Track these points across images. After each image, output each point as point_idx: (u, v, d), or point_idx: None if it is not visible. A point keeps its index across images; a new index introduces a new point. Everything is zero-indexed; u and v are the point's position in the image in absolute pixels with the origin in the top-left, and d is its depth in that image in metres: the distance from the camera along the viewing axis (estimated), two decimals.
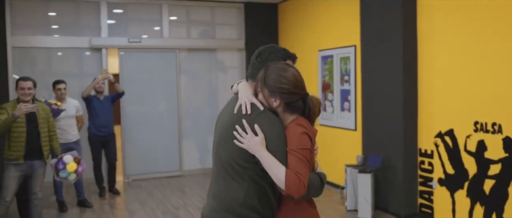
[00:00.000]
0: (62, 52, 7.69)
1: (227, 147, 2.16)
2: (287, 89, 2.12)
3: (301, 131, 2.09)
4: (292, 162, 2.03)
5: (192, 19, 8.52)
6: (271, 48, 2.33)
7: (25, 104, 4.50)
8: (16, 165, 4.64)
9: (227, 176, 2.18)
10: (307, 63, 7.70)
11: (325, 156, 7.23)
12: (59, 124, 5.94)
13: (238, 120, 2.14)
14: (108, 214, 5.91)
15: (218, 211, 2.19)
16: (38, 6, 7.50)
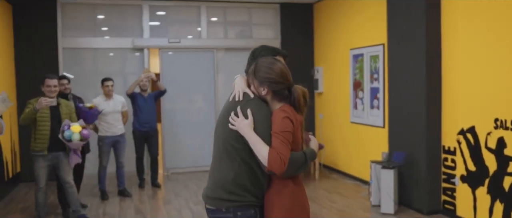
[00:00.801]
0: (107, 52, 8.24)
1: (223, 130, 2.46)
2: (273, 79, 2.40)
3: (283, 115, 2.35)
4: (275, 143, 2.30)
5: (229, 20, 8.85)
6: (263, 47, 2.64)
7: (45, 98, 4.91)
8: (42, 156, 5.11)
9: (222, 157, 2.46)
10: (339, 62, 7.84)
11: (356, 152, 7.37)
12: (107, 118, 6.45)
13: (232, 106, 2.44)
14: (144, 204, 6.32)
15: (213, 189, 2.48)
16: (86, 10, 8.08)
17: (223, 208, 2.43)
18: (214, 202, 2.45)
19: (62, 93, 5.75)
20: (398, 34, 5.90)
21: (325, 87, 8.45)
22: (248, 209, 2.43)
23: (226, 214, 2.43)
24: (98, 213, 5.86)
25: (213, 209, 2.46)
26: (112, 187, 6.96)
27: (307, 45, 8.85)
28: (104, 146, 6.49)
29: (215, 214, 2.46)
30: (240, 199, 2.41)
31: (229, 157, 2.42)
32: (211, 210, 2.48)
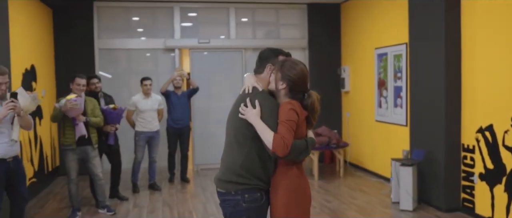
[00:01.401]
0: (140, 53, 8.62)
1: (234, 121, 2.77)
2: (293, 78, 2.69)
3: (290, 107, 2.65)
4: (281, 129, 2.59)
5: (257, 21, 9.08)
6: (268, 49, 2.95)
7: (70, 101, 5.25)
8: (71, 150, 5.47)
9: (232, 144, 2.77)
10: (365, 61, 7.93)
11: (380, 150, 7.44)
12: (144, 115, 6.81)
13: (241, 99, 2.76)
14: (172, 197, 6.62)
15: (223, 173, 2.78)
16: (120, 12, 8.48)
17: (232, 191, 2.71)
18: (224, 185, 2.74)
19: (92, 91, 6.13)
20: (419, 33, 5.96)
21: (351, 86, 8.54)
22: (255, 192, 2.70)
23: (235, 196, 2.70)
24: (128, 205, 6.20)
25: (223, 192, 2.75)
26: (144, 181, 7.30)
27: (334, 45, 8.96)
28: (140, 141, 6.84)
29: (225, 196, 2.75)
30: (248, 182, 2.69)
31: (239, 144, 2.72)
32: (221, 193, 2.77)
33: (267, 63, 2.83)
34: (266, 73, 2.82)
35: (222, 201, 2.79)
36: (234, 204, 2.71)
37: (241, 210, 2.70)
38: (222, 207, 2.80)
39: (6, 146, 4.17)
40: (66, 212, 5.80)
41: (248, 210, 2.70)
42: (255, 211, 2.72)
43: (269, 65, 2.82)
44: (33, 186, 6.62)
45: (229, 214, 2.76)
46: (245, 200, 2.69)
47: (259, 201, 2.72)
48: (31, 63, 6.81)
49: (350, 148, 8.54)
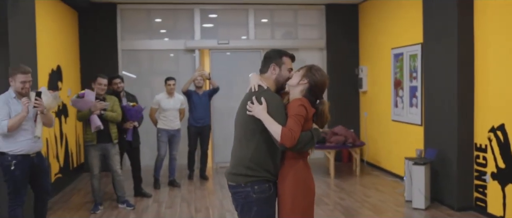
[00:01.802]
0: (161, 53, 8.87)
1: (242, 117, 2.96)
2: (316, 80, 2.92)
3: (300, 103, 2.86)
4: (289, 122, 2.79)
5: (275, 21, 9.22)
6: (274, 50, 3.14)
7: (100, 103, 5.60)
8: (93, 146, 5.74)
9: (241, 139, 2.96)
10: (382, 61, 7.98)
11: (396, 150, 7.49)
12: (167, 113, 7.05)
13: (248, 97, 2.94)
14: (191, 194, 6.82)
15: (234, 167, 2.98)
16: (142, 15, 8.76)
17: (242, 183, 2.90)
18: (235, 178, 2.93)
19: (115, 91, 6.39)
20: (433, 33, 6.01)
21: (369, 86, 8.60)
22: (263, 183, 2.89)
23: (245, 188, 2.89)
24: (148, 200, 6.43)
25: (234, 185, 2.94)
26: (164, 178, 7.52)
27: (352, 45, 9.03)
28: (162, 137, 7.08)
29: (236, 189, 2.94)
30: (257, 174, 2.88)
31: (247, 140, 2.91)
32: (232, 186, 2.96)
33: (271, 63, 3.02)
34: (270, 72, 3.01)
35: (233, 194, 2.98)
36: (245, 196, 2.89)
37: (251, 201, 2.89)
38: (234, 199, 3.00)
39: (30, 142, 4.42)
40: (89, 206, 6.07)
41: (258, 201, 2.88)
42: (264, 201, 2.90)
43: (272, 65, 3.01)
44: (58, 181, 6.93)
45: (241, 205, 2.94)
46: (255, 191, 2.87)
47: (268, 192, 2.90)
48: (57, 64, 7.12)
49: (367, 147, 8.60)
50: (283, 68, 3.02)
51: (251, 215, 2.90)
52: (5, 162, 4.37)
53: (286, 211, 2.90)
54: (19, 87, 4.35)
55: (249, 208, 2.90)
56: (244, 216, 2.95)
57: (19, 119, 4.29)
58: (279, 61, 3.02)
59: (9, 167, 4.36)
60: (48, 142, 6.52)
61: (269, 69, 3.02)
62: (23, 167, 4.42)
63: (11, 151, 4.36)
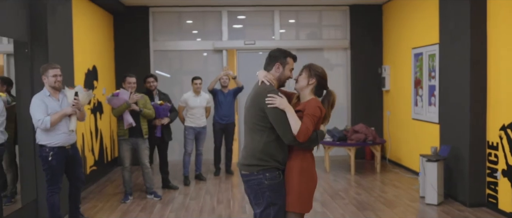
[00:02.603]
0: (190, 54, 9.31)
1: (251, 115, 3.26)
2: (321, 74, 3.31)
3: (318, 105, 3.21)
4: (306, 121, 3.12)
5: (300, 22, 9.50)
6: (279, 49, 3.41)
7: (136, 95, 6.07)
8: (125, 140, 6.20)
9: (252, 133, 3.27)
10: (403, 61, 8.13)
11: (416, 147, 7.64)
12: (193, 111, 7.43)
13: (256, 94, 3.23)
14: (215, 187, 7.20)
15: (246, 158, 3.29)
16: (173, 17, 9.22)
17: (255, 172, 3.22)
18: (248, 168, 3.25)
19: (148, 89, 6.83)
20: (448, 34, 6.16)
21: (392, 85, 8.76)
22: (274, 171, 3.21)
23: (257, 176, 3.21)
24: (174, 192, 6.85)
25: (247, 174, 3.27)
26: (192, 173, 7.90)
27: (376, 45, 9.20)
28: (189, 135, 7.46)
29: (249, 177, 3.26)
30: (267, 163, 3.20)
31: (257, 134, 3.22)
32: (245, 175, 3.29)
33: (276, 62, 3.31)
34: (274, 70, 3.31)
35: (246, 182, 3.29)
36: (258, 183, 3.21)
37: (264, 187, 3.21)
38: (247, 187, 3.31)
39: (65, 136, 4.89)
40: (120, 196, 6.54)
41: (270, 186, 3.20)
42: (275, 187, 3.21)
43: (277, 64, 3.30)
44: (93, 173, 7.46)
45: (254, 191, 3.26)
46: (267, 178, 3.19)
47: (278, 179, 3.22)
48: (93, 64, 7.65)
49: (389, 145, 8.76)
50: (287, 68, 3.31)
51: (264, 199, 3.22)
52: (44, 153, 4.86)
53: (293, 195, 3.23)
54: (52, 81, 4.81)
55: (262, 193, 3.21)
56: (257, 200, 3.26)
57: (60, 116, 4.78)
58: (284, 61, 3.30)
59: (47, 157, 4.85)
60: (84, 137, 7.05)
61: (273, 67, 3.30)
62: (59, 158, 4.90)
63: (49, 143, 4.85)
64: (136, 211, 5.89)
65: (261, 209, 3.23)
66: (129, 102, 6.05)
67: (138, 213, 5.78)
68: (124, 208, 6.02)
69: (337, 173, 8.05)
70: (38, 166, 5.22)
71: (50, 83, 4.83)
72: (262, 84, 3.26)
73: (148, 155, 6.40)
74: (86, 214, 5.63)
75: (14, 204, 5.27)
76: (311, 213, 5.62)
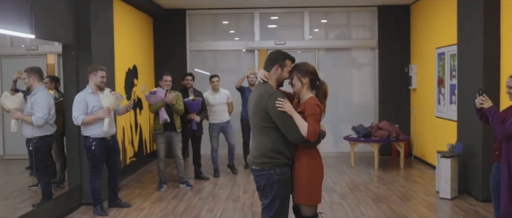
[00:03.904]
0: (224, 53, 9.85)
1: (256, 116, 3.55)
2: (310, 71, 3.55)
3: (315, 103, 3.49)
4: (311, 121, 3.40)
5: (330, 23, 9.85)
6: (279, 51, 3.67)
7: (171, 94, 6.65)
8: (160, 134, 6.81)
9: (260, 135, 3.56)
10: (428, 60, 8.36)
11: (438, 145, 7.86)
12: (214, 108, 7.92)
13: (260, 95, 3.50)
14: (243, 179, 7.70)
15: (257, 156, 3.57)
16: (208, 19, 9.80)
17: (266, 167, 3.50)
18: (259, 164, 3.54)
19: (185, 86, 7.42)
20: (464, 34, 6.39)
21: (418, 84, 8.98)
22: (283, 167, 3.51)
23: (268, 171, 3.48)
24: (204, 182, 7.41)
25: (258, 169, 3.54)
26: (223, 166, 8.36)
27: (403, 44, 9.43)
28: (213, 132, 7.94)
29: (260, 172, 3.53)
30: (277, 160, 3.48)
31: (264, 135, 3.51)
32: (256, 170, 3.56)
33: (276, 64, 3.56)
34: (273, 72, 3.56)
35: (256, 176, 3.58)
36: (268, 177, 3.50)
37: (273, 182, 3.49)
38: (257, 181, 3.60)
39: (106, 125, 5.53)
40: (156, 185, 7.15)
41: (279, 181, 3.50)
42: (283, 181, 3.51)
43: (276, 66, 3.55)
44: (133, 164, 8.13)
45: (263, 185, 3.55)
46: (276, 173, 3.49)
47: (286, 174, 3.52)
48: (133, 64, 8.32)
49: (415, 142, 8.99)
50: (285, 70, 3.53)
51: (272, 193, 3.51)
52: (88, 143, 5.53)
53: (304, 189, 3.54)
54: (99, 81, 5.51)
55: (271, 187, 3.50)
56: (266, 193, 3.54)
57: (93, 118, 5.46)
58: (283, 63, 3.55)
59: (91, 147, 5.52)
60: (124, 130, 7.73)
61: (272, 69, 3.55)
62: (101, 147, 5.56)
63: (92, 134, 5.52)
64: (168, 198, 6.47)
65: (268, 200, 3.52)
66: (165, 100, 6.63)
67: (170, 200, 6.36)
68: (158, 195, 6.62)
69: (361, 168, 8.38)
70: (82, 156, 5.89)
71: (96, 82, 5.50)
72: (263, 85, 3.54)
73: (181, 148, 6.97)
74: (124, 200, 6.25)
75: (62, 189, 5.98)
76: (327, 204, 6.04)
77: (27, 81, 5.27)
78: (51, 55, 6.39)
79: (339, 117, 9.66)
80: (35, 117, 5.14)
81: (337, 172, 8.12)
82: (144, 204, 6.18)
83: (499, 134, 4.13)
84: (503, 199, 4.08)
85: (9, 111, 5.03)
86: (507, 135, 4.07)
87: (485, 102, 4.29)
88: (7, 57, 5.83)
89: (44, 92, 5.33)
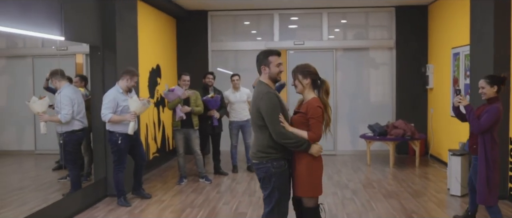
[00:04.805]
0: (244, 53, 10.14)
1: (254, 114, 3.84)
2: (310, 71, 3.82)
3: (317, 105, 3.74)
4: (314, 125, 3.69)
5: (348, 23, 10.03)
6: (262, 52, 3.94)
7: (187, 91, 6.98)
8: (178, 130, 7.15)
9: (256, 131, 3.86)
10: (444, 60, 8.47)
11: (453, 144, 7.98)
12: (234, 106, 8.19)
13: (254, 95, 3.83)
14: None
15: (254, 152, 3.88)
16: (229, 19, 10.12)
17: (264, 161, 3.79)
18: (258, 158, 3.83)
19: (206, 84, 7.75)
20: (476, 35, 6.51)
21: (435, 83, 9.09)
22: (280, 160, 3.78)
23: (266, 164, 3.77)
24: (223, 178, 7.73)
25: (258, 162, 3.84)
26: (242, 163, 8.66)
27: (421, 44, 9.54)
28: (233, 129, 8.20)
29: (259, 165, 3.83)
30: (275, 154, 3.77)
31: (259, 132, 3.81)
32: (256, 163, 3.87)
33: (261, 65, 3.85)
34: (263, 73, 3.85)
35: (257, 169, 3.86)
36: (266, 170, 3.79)
37: (271, 174, 3.78)
38: (257, 174, 3.89)
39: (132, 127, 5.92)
40: (177, 179, 7.49)
41: (276, 174, 3.78)
42: (280, 174, 3.79)
43: (262, 66, 3.83)
44: (155, 159, 8.51)
45: (262, 177, 3.84)
46: (274, 166, 3.77)
47: (284, 167, 3.80)
48: (156, 63, 8.70)
49: (432, 141, 9.11)
50: (272, 66, 3.79)
51: (271, 184, 3.79)
52: (114, 137, 5.93)
53: (305, 182, 3.79)
54: (132, 85, 5.95)
55: (269, 179, 3.78)
56: (265, 185, 3.82)
57: (120, 119, 5.86)
58: (266, 61, 3.80)
59: (117, 141, 5.92)
60: (147, 127, 8.10)
61: (261, 70, 3.86)
62: (126, 142, 5.96)
63: (118, 130, 5.90)
64: (188, 191, 6.81)
65: (268, 191, 3.80)
66: (181, 98, 6.97)
67: (189, 193, 6.69)
68: (178, 189, 6.97)
69: (377, 166, 8.55)
70: (107, 150, 6.28)
71: (130, 85, 5.96)
72: (260, 85, 3.81)
73: (198, 144, 7.30)
74: (146, 191, 6.62)
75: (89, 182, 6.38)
76: (339, 199, 6.27)
77: (53, 84, 5.75)
78: (79, 55, 6.82)
79: (357, 116, 9.84)
80: (62, 114, 5.58)
81: (352, 169, 8.32)
82: (165, 196, 6.53)
83: (475, 129, 4.63)
84: (482, 187, 4.55)
85: (38, 114, 5.46)
86: (482, 129, 4.57)
87: (462, 101, 4.75)
88: (39, 57, 6.26)
89: (68, 91, 5.73)
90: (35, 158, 6.42)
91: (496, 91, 4.69)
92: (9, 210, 5.05)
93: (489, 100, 4.73)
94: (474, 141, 4.76)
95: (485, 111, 4.65)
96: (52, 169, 6.29)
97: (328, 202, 6.11)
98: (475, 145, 4.72)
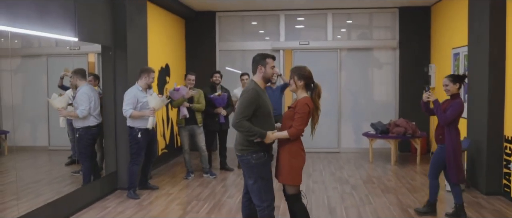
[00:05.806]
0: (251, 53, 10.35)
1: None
2: (305, 75, 4.16)
3: (306, 102, 4.09)
4: (296, 119, 4.05)
5: (352, 24, 10.25)
6: (259, 54, 4.27)
7: (191, 90, 7.27)
8: (183, 128, 7.45)
9: None
10: (445, 60, 8.67)
11: None
12: None
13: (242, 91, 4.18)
14: None
15: (236, 145, 4.21)
16: (236, 20, 10.40)
17: (244, 153, 4.13)
18: (240, 151, 4.17)
19: (213, 82, 8.04)
20: (473, 35, 6.72)
21: (437, 83, 9.28)
22: (259, 152, 4.10)
23: (247, 156, 4.11)
24: (228, 173, 8.01)
25: (240, 155, 4.18)
26: None
27: (423, 45, 9.74)
28: None
29: (241, 157, 4.17)
30: (251, 147, 4.08)
31: None
32: (239, 155, 4.20)
33: (258, 65, 4.19)
34: (258, 72, 4.19)
35: (240, 161, 4.22)
36: (247, 162, 4.12)
37: (252, 165, 4.10)
38: (241, 165, 4.25)
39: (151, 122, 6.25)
40: (184, 174, 7.79)
41: (257, 165, 4.10)
42: (261, 164, 4.11)
43: (259, 66, 4.18)
44: (164, 155, 8.82)
45: (244, 168, 4.19)
46: (254, 158, 4.09)
47: (263, 158, 4.12)
48: (166, 62, 9.00)
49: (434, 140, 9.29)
50: (267, 67, 4.15)
51: (253, 174, 4.10)
52: (134, 132, 6.31)
53: (285, 170, 4.13)
54: (151, 81, 6.33)
55: (251, 169, 4.11)
56: (249, 174, 4.14)
57: (140, 114, 6.20)
58: (264, 62, 4.15)
59: (137, 135, 6.29)
60: (156, 123, 8.41)
61: (257, 70, 4.19)
62: (145, 136, 6.34)
63: (138, 126, 6.27)
64: (194, 185, 7.10)
65: (252, 181, 4.13)
66: (185, 97, 7.25)
67: (195, 187, 6.99)
68: (185, 183, 7.27)
69: (379, 163, 8.78)
70: (118, 145, 6.59)
71: (149, 82, 6.33)
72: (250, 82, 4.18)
73: (203, 140, 7.58)
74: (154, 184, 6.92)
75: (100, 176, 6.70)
76: (339, 193, 6.52)
77: (73, 80, 6.12)
78: (91, 54, 7.13)
79: (361, 115, 10.07)
80: (79, 110, 5.95)
81: (355, 166, 8.56)
82: (172, 190, 6.83)
83: (442, 121, 5.17)
84: (452, 170, 5.11)
85: (58, 110, 5.83)
86: (448, 121, 5.11)
87: (431, 96, 5.25)
88: (53, 56, 6.57)
89: (86, 89, 6.08)
90: (48, 153, 6.72)
91: (458, 88, 5.18)
92: (26, 201, 5.37)
93: (452, 96, 5.23)
94: (440, 131, 5.24)
95: (450, 105, 5.15)
96: (65, 163, 6.60)
97: (328, 196, 6.37)
98: (441, 135, 5.21)
